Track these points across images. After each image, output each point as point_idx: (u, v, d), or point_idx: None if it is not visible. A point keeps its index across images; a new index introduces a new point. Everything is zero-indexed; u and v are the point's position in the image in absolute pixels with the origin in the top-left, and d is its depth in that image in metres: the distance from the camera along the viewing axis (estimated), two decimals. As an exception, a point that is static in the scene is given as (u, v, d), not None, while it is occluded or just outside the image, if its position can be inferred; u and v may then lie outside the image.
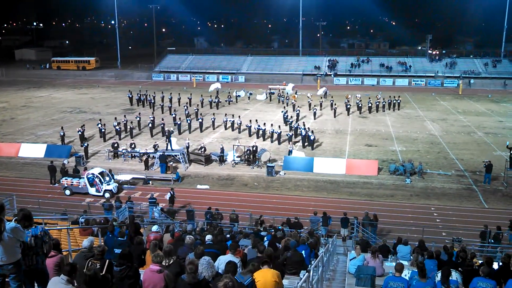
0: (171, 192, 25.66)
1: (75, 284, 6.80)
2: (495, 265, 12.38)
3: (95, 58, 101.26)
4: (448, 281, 9.22)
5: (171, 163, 32.75)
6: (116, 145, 35.50)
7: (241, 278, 7.31)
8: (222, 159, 33.86)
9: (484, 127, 45.81)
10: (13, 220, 7.36)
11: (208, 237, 12.12)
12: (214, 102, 55.01)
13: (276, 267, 8.61)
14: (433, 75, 78.64)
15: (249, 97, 61.33)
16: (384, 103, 54.58)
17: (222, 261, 8.77)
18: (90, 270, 6.74)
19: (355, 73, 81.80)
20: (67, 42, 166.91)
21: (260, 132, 40.55)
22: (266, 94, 62.12)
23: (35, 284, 7.72)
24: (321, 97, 58.88)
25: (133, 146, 35.26)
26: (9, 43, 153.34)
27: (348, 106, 51.77)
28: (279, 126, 40.68)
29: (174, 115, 45.26)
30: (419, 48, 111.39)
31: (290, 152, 34.66)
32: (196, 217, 23.91)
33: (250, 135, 41.27)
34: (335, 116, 50.04)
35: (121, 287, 7.64)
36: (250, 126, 41.70)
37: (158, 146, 34.70)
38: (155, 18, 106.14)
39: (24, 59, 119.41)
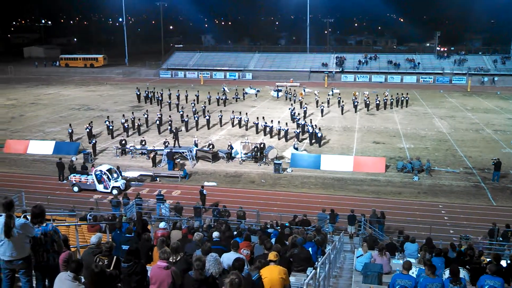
0: (203, 190, 25.83)
1: (82, 281, 6.85)
2: (503, 263, 12.32)
3: (103, 55, 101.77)
4: (460, 279, 9.20)
5: (179, 160, 32.84)
6: (123, 142, 35.66)
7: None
8: (229, 156, 33.92)
9: (492, 124, 45.51)
10: (22, 216, 7.43)
11: (215, 233, 12.14)
12: (222, 99, 55.06)
13: (283, 264, 8.62)
14: (441, 72, 78.16)
15: (256, 94, 61.27)
16: (392, 100, 54.36)
17: (225, 259, 8.79)
18: (97, 267, 6.78)
19: (363, 70, 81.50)
20: (75, 39, 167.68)
21: (267, 129, 40.55)
22: (275, 93, 62.05)
23: (46, 280, 7.79)
24: (328, 95, 58.62)
25: (143, 143, 35.37)
26: (18, 41, 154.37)
27: (356, 103, 51.63)
28: (286, 123, 40.65)
29: (181, 112, 45.38)
30: (427, 45, 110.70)
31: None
32: (203, 214, 23.99)
33: (257, 132, 41.27)
34: (342, 113, 49.92)
35: (129, 283, 7.68)
36: (258, 123, 41.70)
37: (168, 143, 34.85)
38: (162, 16, 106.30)
39: (32, 56, 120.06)
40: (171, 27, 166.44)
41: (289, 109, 47.87)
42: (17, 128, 44.23)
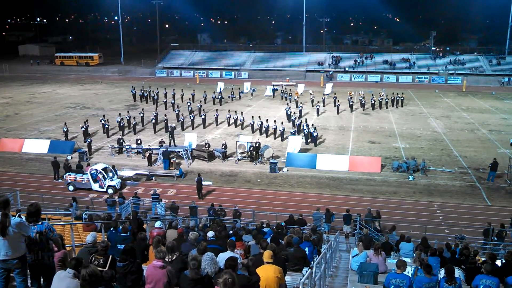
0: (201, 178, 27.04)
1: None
2: (498, 263, 12.37)
3: (99, 54, 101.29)
4: (455, 279, 9.23)
5: (174, 159, 32.78)
6: (121, 141, 35.50)
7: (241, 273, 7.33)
8: (224, 156, 33.91)
9: (487, 124, 45.67)
10: (16, 215, 7.40)
11: (210, 233, 12.13)
12: (217, 98, 54.99)
13: (278, 263, 8.62)
14: (437, 72, 78.32)
15: (252, 94, 61.23)
16: (387, 100, 54.46)
17: (221, 258, 8.77)
18: (87, 267, 6.71)
19: (359, 70, 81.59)
20: (70, 38, 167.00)
21: (263, 128, 40.54)
22: (271, 90, 61.92)
23: (41, 280, 7.75)
24: (323, 94, 58.56)
25: (139, 142, 35.29)
26: (13, 39, 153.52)
27: (351, 103, 51.68)
28: (282, 123, 40.65)
29: (177, 111, 45.31)
30: (423, 45, 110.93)
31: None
32: (199, 213, 23.96)
33: (253, 132, 41.24)
34: (338, 113, 49.98)
35: (124, 283, 7.66)
36: (253, 122, 41.68)
37: (164, 143, 34.79)
38: (158, 14, 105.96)
39: (27, 54, 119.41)
40: (167, 26, 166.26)
41: (285, 108, 47.86)
42: (12, 127, 44.03)
